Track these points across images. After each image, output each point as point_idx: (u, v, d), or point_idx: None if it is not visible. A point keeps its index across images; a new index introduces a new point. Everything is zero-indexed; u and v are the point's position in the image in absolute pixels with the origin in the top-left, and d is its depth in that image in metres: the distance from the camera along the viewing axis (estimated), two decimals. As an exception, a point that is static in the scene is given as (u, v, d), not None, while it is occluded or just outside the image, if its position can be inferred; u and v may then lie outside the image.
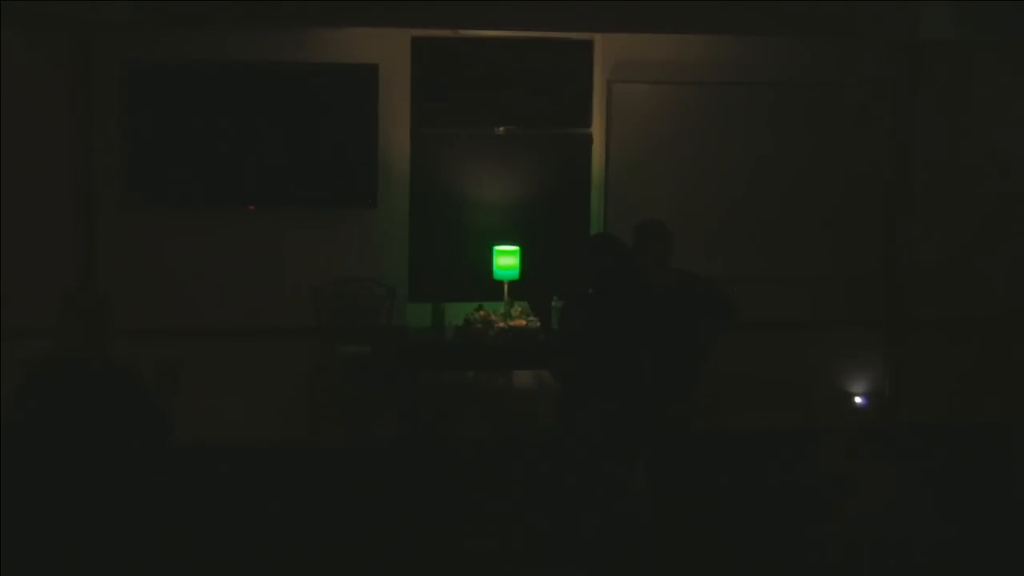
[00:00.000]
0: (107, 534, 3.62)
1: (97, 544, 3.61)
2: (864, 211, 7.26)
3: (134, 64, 6.51)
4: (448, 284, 6.93)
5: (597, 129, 7.00)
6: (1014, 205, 7.21)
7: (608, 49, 6.95)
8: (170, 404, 3.80)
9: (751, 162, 7.09)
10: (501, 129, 6.92)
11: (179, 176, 6.61)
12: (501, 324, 6.63)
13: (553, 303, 6.55)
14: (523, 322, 6.65)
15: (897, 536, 5.53)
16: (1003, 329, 7.32)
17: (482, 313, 6.70)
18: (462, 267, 6.94)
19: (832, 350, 7.33)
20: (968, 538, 5.45)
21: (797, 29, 6.63)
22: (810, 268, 7.23)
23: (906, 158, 7.24)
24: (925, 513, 5.68)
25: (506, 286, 6.75)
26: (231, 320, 6.77)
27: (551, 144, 6.97)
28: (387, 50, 6.75)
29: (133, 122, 6.54)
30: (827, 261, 7.25)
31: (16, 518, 3.54)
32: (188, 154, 6.60)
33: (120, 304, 6.71)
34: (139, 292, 6.64)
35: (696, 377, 4.99)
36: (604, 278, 4.81)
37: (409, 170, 6.87)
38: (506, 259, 6.73)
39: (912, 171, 7.23)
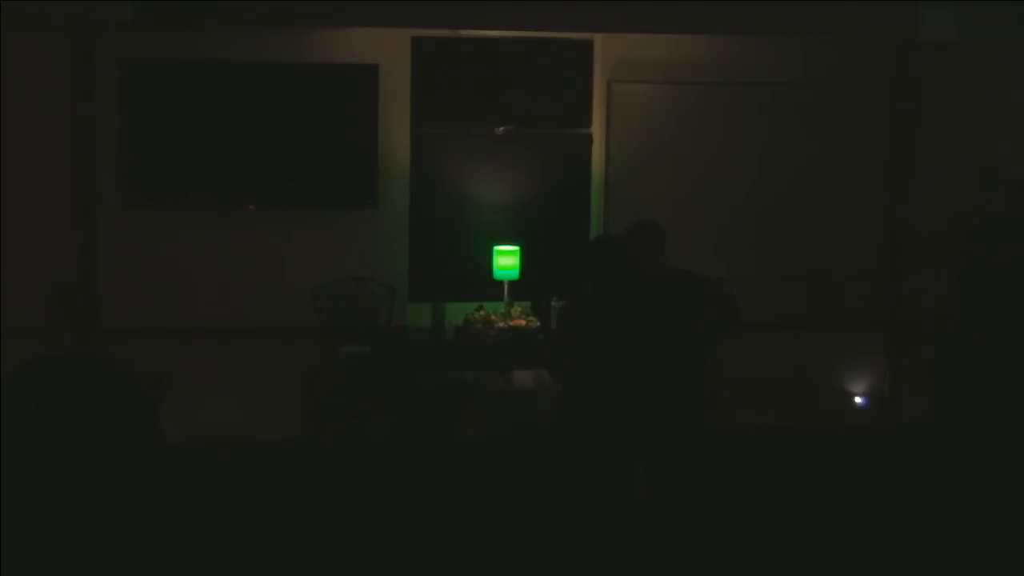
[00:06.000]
0: (105, 532, 3.62)
1: (95, 543, 3.61)
2: (864, 211, 7.26)
3: (134, 64, 6.51)
4: (448, 284, 6.93)
5: (597, 129, 7.01)
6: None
7: (608, 49, 6.95)
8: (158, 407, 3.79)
9: (751, 162, 7.09)
10: (501, 129, 6.92)
11: (179, 176, 6.61)
12: (501, 324, 6.63)
13: (553, 303, 6.55)
14: (523, 322, 6.65)
15: (897, 536, 5.53)
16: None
17: (482, 313, 6.70)
18: (462, 267, 6.94)
19: (832, 350, 7.33)
20: (968, 537, 5.45)
21: (797, 29, 6.64)
22: (810, 268, 7.23)
23: (906, 158, 7.24)
24: (924, 514, 5.68)
25: (506, 286, 6.75)
26: (231, 320, 6.77)
27: (551, 144, 6.97)
28: (387, 50, 6.75)
29: (133, 122, 6.54)
30: (827, 261, 7.25)
31: (11, 517, 3.54)
32: (188, 154, 6.60)
33: (120, 304, 6.77)
34: (139, 292, 6.65)
35: (696, 377, 4.98)
36: (603, 279, 4.81)
37: (409, 170, 6.87)
38: (506, 259, 6.73)
39: (912, 171, 7.23)
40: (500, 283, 6.76)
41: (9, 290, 6.37)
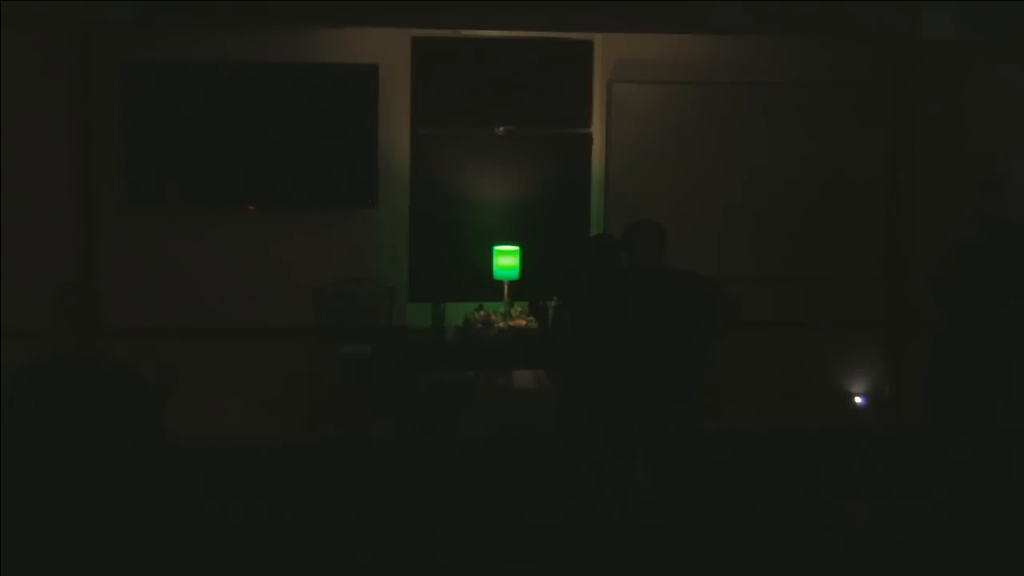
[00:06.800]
0: (107, 532, 3.62)
1: (97, 543, 3.61)
2: (864, 211, 7.26)
3: (134, 64, 6.51)
4: (448, 284, 6.93)
5: (597, 129, 7.01)
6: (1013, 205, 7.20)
7: (608, 49, 6.95)
8: (163, 407, 3.79)
9: (751, 162, 7.09)
10: (501, 129, 6.92)
11: (179, 176, 6.61)
12: (501, 324, 6.63)
13: (551, 303, 6.55)
14: (523, 322, 6.65)
15: (897, 536, 5.53)
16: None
17: (482, 313, 6.70)
18: (462, 267, 6.94)
19: (832, 350, 7.33)
20: (968, 537, 5.45)
21: (797, 29, 6.63)
22: (810, 268, 7.23)
23: (906, 158, 7.24)
24: (924, 513, 5.68)
25: (506, 286, 6.75)
26: (231, 320, 6.77)
27: (551, 144, 6.98)
28: (387, 50, 6.75)
29: (133, 122, 6.53)
30: (827, 261, 7.25)
31: (13, 518, 3.54)
32: (188, 154, 6.60)
33: (120, 304, 6.76)
34: (139, 292, 6.64)
35: (695, 377, 4.99)
36: (598, 278, 4.81)
37: (409, 170, 6.87)
38: (506, 259, 6.73)
39: (912, 171, 7.23)
40: (500, 283, 6.76)
41: (9, 290, 6.37)
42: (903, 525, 5.64)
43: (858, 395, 7.41)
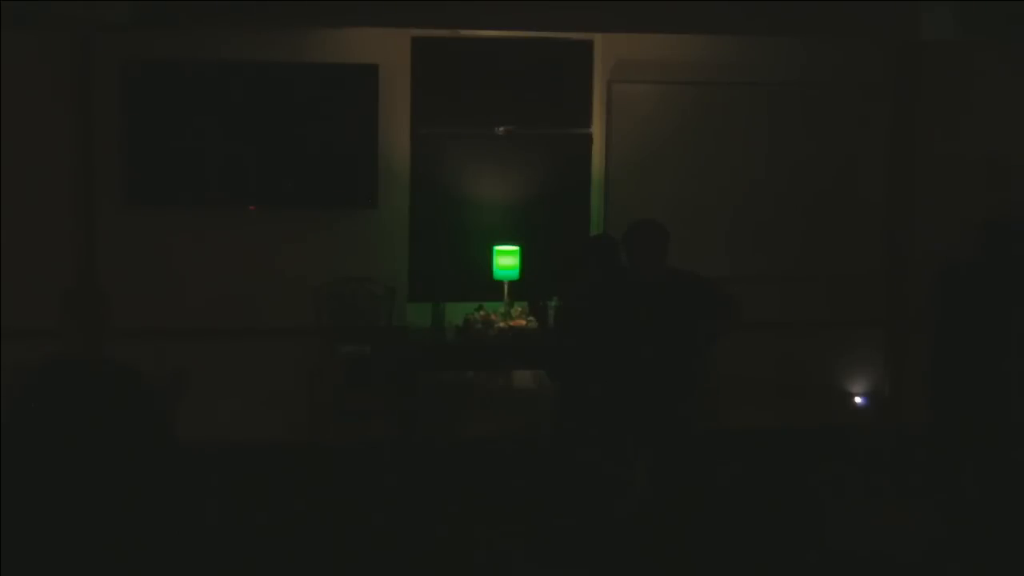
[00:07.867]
0: (110, 533, 3.62)
1: (99, 544, 3.61)
2: (864, 211, 7.26)
3: (134, 64, 6.51)
4: (448, 284, 6.93)
5: (597, 129, 7.01)
6: (1013, 205, 7.20)
7: (608, 49, 6.95)
8: (173, 408, 3.80)
9: (751, 162, 7.09)
10: (501, 129, 6.92)
11: (179, 176, 6.61)
12: (501, 324, 6.63)
13: (552, 303, 6.56)
14: (523, 322, 6.65)
15: (895, 537, 5.53)
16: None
17: (482, 313, 6.70)
18: (462, 267, 6.94)
19: (832, 350, 7.33)
20: (967, 539, 5.45)
21: (797, 29, 6.64)
22: (810, 268, 7.23)
23: (906, 158, 7.24)
24: (923, 514, 5.68)
25: (506, 286, 6.75)
26: (231, 320, 6.77)
27: (551, 144, 6.98)
28: (387, 50, 6.75)
29: (133, 122, 6.54)
30: (827, 261, 7.25)
31: (17, 519, 3.54)
32: (188, 154, 6.60)
33: (120, 304, 6.74)
34: (139, 292, 6.64)
35: (696, 377, 4.99)
36: (598, 279, 4.82)
37: (409, 170, 6.87)
38: (506, 259, 6.73)
39: (912, 171, 7.23)
40: (500, 283, 6.76)
41: (9, 290, 6.37)
42: (903, 525, 5.64)
43: (858, 395, 7.41)
